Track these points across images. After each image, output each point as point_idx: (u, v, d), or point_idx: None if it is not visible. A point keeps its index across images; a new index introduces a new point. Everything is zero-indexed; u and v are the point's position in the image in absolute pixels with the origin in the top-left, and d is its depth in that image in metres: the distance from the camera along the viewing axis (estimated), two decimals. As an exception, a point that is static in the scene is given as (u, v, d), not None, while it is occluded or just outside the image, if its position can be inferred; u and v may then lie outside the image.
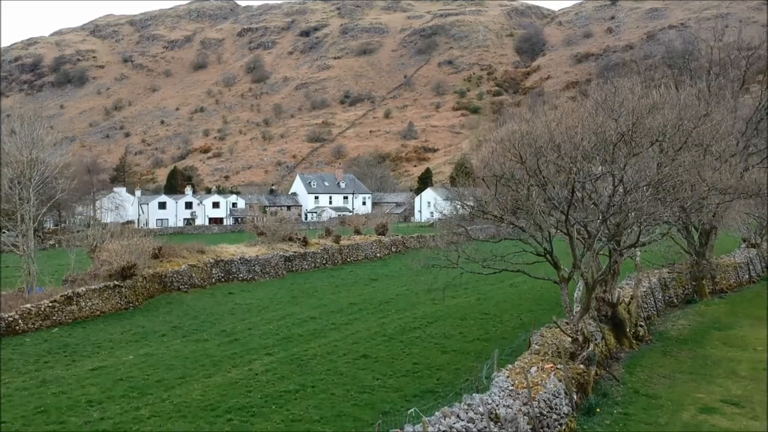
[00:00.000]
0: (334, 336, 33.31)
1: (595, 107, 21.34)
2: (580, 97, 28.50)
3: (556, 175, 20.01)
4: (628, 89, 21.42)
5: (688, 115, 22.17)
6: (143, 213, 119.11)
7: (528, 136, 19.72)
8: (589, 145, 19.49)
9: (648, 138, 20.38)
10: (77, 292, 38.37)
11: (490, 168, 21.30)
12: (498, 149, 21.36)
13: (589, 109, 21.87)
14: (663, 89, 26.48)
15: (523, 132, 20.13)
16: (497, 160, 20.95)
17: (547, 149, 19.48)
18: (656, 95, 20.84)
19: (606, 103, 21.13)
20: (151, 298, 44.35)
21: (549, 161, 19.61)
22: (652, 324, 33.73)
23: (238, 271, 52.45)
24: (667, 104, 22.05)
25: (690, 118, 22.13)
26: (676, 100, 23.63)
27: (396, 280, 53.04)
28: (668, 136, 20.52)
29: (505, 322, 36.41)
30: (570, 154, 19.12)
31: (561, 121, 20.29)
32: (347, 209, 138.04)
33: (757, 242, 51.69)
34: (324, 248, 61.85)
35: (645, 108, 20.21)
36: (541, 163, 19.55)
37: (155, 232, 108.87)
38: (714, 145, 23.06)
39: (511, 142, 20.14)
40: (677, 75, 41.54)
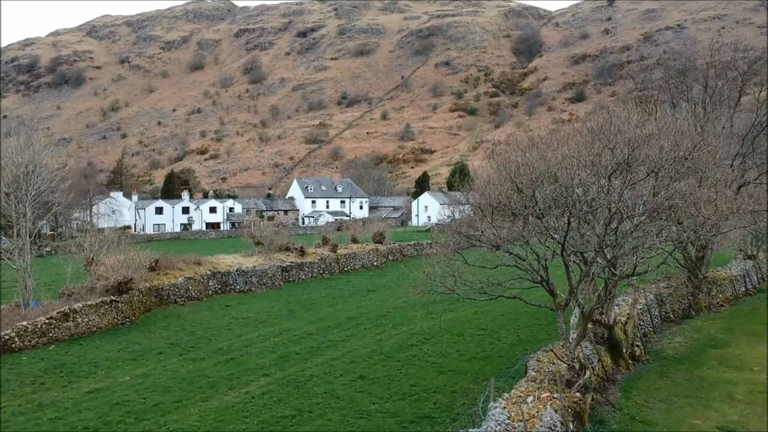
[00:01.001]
0: (331, 354, 33.29)
1: (591, 135, 21.36)
2: (578, 121, 28.43)
3: (553, 205, 20.04)
4: (624, 119, 21.43)
5: (684, 144, 22.21)
6: (140, 218, 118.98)
7: (524, 166, 19.74)
8: (586, 177, 19.51)
9: (644, 169, 20.42)
10: (74, 308, 38.31)
11: (486, 197, 21.33)
12: (494, 177, 21.38)
13: (585, 136, 21.89)
14: (659, 113, 26.49)
15: (520, 163, 20.15)
16: (493, 191, 20.97)
17: (543, 179, 19.50)
18: (652, 127, 20.79)
19: (602, 131, 21.17)
20: (148, 312, 44.30)
21: (546, 191, 19.63)
22: (649, 342, 33.78)
23: (235, 283, 52.44)
24: (663, 131, 22.06)
25: (686, 146, 22.16)
26: (672, 126, 23.65)
27: (393, 291, 52.97)
28: (665, 166, 20.56)
29: (503, 338, 36.42)
30: (566, 183, 19.15)
31: (557, 150, 20.31)
32: (344, 213, 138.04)
33: (754, 253, 51.81)
34: (321, 258, 61.86)
35: (641, 139, 20.24)
36: (537, 193, 19.57)
37: (152, 238, 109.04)
38: (710, 171, 23.08)
39: (507, 172, 20.16)
40: (674, 89, 41.17)
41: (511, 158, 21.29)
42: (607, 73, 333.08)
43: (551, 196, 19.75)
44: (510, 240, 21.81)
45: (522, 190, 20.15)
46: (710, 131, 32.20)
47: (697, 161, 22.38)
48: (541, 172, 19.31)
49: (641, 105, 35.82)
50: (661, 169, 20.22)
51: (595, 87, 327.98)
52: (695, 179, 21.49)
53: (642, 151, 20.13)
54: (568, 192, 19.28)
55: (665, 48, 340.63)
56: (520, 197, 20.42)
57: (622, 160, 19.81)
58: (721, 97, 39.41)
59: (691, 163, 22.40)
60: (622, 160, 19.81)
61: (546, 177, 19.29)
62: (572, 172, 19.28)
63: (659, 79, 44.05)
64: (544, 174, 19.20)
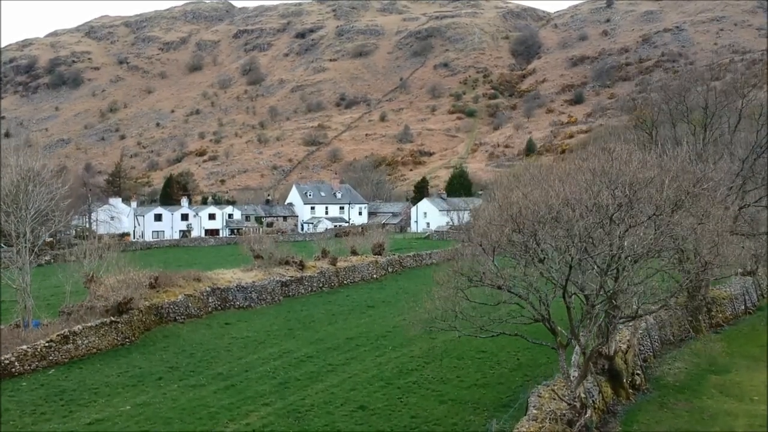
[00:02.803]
0: (331, 380, 33.30)
1: (593, 176, 21.36)
2: (577, 158, 28.29)
3: (555, 248, 20.08)
4: (625, 161, 21.45)
5: (685, 182, 22.25)
6: (139, 225, 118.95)
7: (526, 209, 19.77)
8: (588, 222, 19.55)
9: (645, 212, 20.47)
10: (73, 330, 38.29)
11: (487, 237, 21.34)
12: (496, 218, 21.41)
13: (586, 174, 21.88)
14: (659, 149, 26.51)
15: (522, 205, 20.17)
16: (495, 232, 20.99)
17: (545, 222, 19.53)
18: (653, 172, 20.76)
19: (604, 173, 21.18)
20: (148, 331, 44.24)
21: (547, 234, 19.68)
22: (649, 367, 33.81)
23: (235, 299, 52.42)
24: (664, 169, 22.09)
25: (687, 183, 22.20)
26: (673, 162, 23.68)
27: (392, 307, 53.00)
28: (665, 210, 20.58)
29: (503, 362, 36.42)
30: (567, 227, 19.18)
31: (559, 193, 20.33)
32: (344, 220, 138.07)
33: (753, 269, 51.82)
34: (321, 271, 61.85)
35: (642, 183, 20.28)
36: (538, 235, 19.61)
37: (151, 245, 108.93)
38: (711, 208, 23.08)
39: (509, 213, 20.20)
40: (673, 110, 41.19)
41: (512, 198, 21.32)
42: (606, 75, 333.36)
43: (552, 238, 19.77)
44: (512, 277, 21.81)
45: (522, 231, 20.17)
46: (710, 160, 32.20)
47: (698, 199, 22.41)
48: (542, 215, 19.33)
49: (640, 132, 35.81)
50: (662, 213, 20.25)
51: (594, 89, 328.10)
52: (696, 219, 21.50)
53: (643, 192, 20.16)
54: (569, 235, 19.30)
55: (664, 50, 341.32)
56: (521, 238, 20.43)
57: (623, 202, 19.86)
58: (721, 121, 39.36)
59: (691, 200, 22.42)
60: (623, 202, 19.86)
61: (548, 220, 19.31)
62: (573, 216, 19.30)
63: (660, 101, 44.03)
64: (546, 217, 19.22)
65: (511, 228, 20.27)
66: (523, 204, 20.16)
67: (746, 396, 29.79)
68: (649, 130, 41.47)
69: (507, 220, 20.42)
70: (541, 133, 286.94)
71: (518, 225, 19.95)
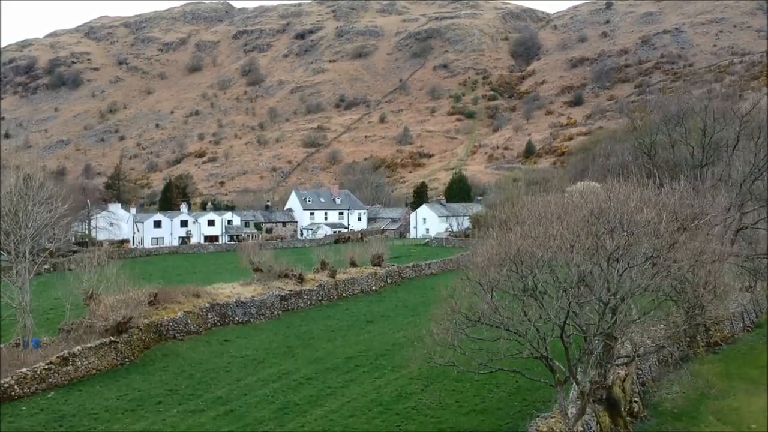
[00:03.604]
0: (330, 404, 33.37)
1: (591, 217, 21.46)
2: (576, 196, 28.24)
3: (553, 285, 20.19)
4: (622, 201, 21.53)
5: (682, 216, 22.34)
6: (138, 231, 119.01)
7: (523, 252, 19.87)
8: (586, 267, 19.66)
9: (643, 252, 20.57)
10: (73, 352, 38.36)
11: (485, 277, 21.44)
12: (495, 258, 21.50)
13: (583, 210, 21.98)
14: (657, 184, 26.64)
15: (519, 247, 20.26)
16: (493, 273, 21.09)
17: (543, 265, 19.64)
18: (651, 213, 20.84)
19: (602, 213, 21.28)
20: (147, 349, 44.29)
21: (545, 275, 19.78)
22: (647, 392, 33.90)
23: (234, 314, 52.47)
24: (661, 204, 22.18)
25: (684, 218, 22.30)
26: (669, 199, 23.76)
27: (391, 322, 53.13)
28: (662, 254, 20.69)
29: (501, 384, 36.41)
30: (564, 272, 19.29)
31: (556, 235, 20.43)
32: (343, 225, 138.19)
33: (752, 285, 51.85)
34: (320, 284, 61.88)
35: (640, 224, 20.37)
36: (536, 279, 19.71)
37: (150, 252, 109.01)
38: (708, 246, 23.18)
39: (508, 255, 20.28)
40: (671, 130, 41.30)
41: (510, 238, 21.41)
42: (605, 77, 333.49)
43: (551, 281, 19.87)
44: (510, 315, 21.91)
45: (520, 271, 20.26)
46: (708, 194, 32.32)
47: (695, 234, 22.51)
48: (540, 258, 19.42)
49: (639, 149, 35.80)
50: (660, 255, 20.36)
51: (593, 90, 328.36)
52: (693, 255, 21.60)
53: (641, 234, 20.26)
54: (566, 279, 19.40)
55: (663, 52, 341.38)
56: (520, 278, 20.53)
57: (620, 244, 19.96)
58: (719, 144, 39.47)
59: (689, 235, 22.51)
60: (620, 244, 19.96)
61: (546, 263, 19.41)
62: (571, 259, 19.40)
63: (659, 121, 44.13)
64: (545, 262, 19.32)
65: (509, 268, 20.37)
66: (521, 245, 20.27)
67: (744, 423, 29.90)
68: (647, 150, 41.61)
69: (505, 259, 20.52)
70: (541, 135, 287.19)
71: (517, 266, 20.04)
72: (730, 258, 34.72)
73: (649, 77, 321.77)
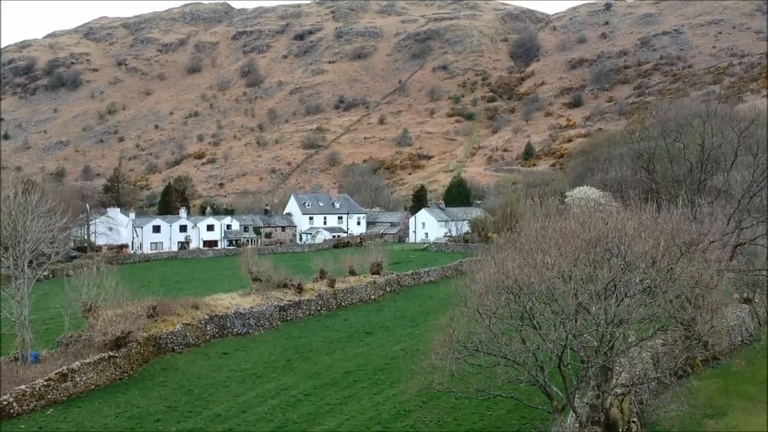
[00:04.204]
0: (329, 423, 33.40)
1: (587, 246, 21.52)
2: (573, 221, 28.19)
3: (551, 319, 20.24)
4: (620, 230, 21.57)
5: (679, 241, 22.39)
6: (137, 236, 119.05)
7: (521, 282, 19.92)
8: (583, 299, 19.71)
9: (640, 282, 20.62)
10: (72, 368, 38.37)
11: (483, 305, 21.49)
12: (492, 286, 21.55)
13: (581, 236, 22.03)
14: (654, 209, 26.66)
15: (517, 277, 20.31)
16: (491, 301, 21.14)
17: (541, 297, 19.69)
18: (648, 245, 20.91)
19: (599, 242, 21.32)
20: (146, 362, 44.32)
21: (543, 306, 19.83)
22: (645, 411, 33.88)
23: (233, 326, 52.50)
24: (659, 229, 22.23)
25: (681, 243, 22.35)
26: (667, 226, 23.80)
27: (390, 334, 53.18)
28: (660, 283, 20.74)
29: (500, 402, 36.27)
30: (562, 305, 19.35)
31: (555, 265, 20.48)
32: (342, 230, 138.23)
33: (750, 296, 51.83)
34: (319, 294, 61.90)
35: (637, 255, 20.42)
36: (534, 309, 19.77)
37: (149, 258, 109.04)
38: (707, 271, 23.21)
39: (505, 285, 20.33)
40: (670, 145, 41.33)
41: (508, 267, 21.45)
42: (605, 78, 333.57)
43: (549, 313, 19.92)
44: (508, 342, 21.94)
45: (518, 300, 20.31)
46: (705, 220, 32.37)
47: (692, 258, 22.55)
48: (538, 290, 19.48)
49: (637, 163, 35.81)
50: (657, 287, 20.42)
51: (592, 92, 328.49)
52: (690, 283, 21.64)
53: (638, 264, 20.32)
54: (565, 310, 19.45)
55: (662, 53, 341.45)
56: (518, 307, 20.58)
57: (618, 274, 20.01)
58: (718, 159, 39.49)
59: (687, 259, 22.55)
60: (618, 274, 20.01)
61: (543, 295, 19.47)
62: (568, 291, 19.45)
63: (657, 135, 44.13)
64: (543, 294, 19.38)
65: (507, 298, 20.42)
66: (518, 274, 20.32)
67: (742, 444, 29.91)
68: (646, 165, 41.66)
69: (502, 288, 20.57)
70: (540, 136, 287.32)
71: (515, 296, 20.09)
72: (728, 273, 34.72)
73: (649, 79, 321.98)
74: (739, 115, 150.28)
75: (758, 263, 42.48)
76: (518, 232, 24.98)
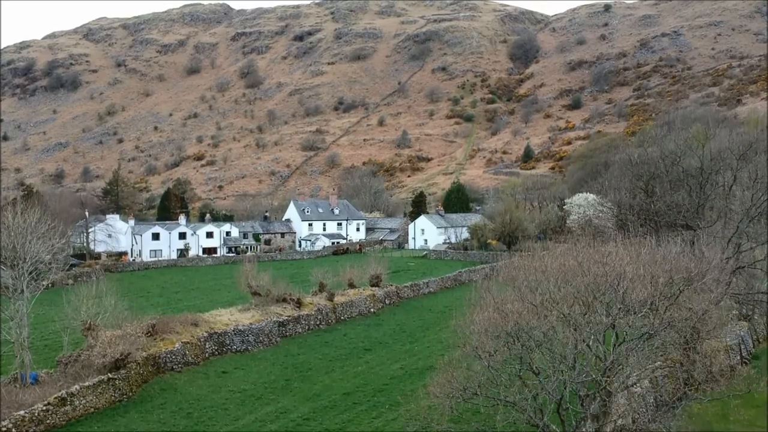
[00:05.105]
0: (328, 451, 33.41)
1: (586, 291, 21.53)
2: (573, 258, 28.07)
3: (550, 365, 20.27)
4: (619, 274, 21.57)
5: (677, 279, 22.40)
6: (137, 243, 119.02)
7: (521, 328, 19.94)
8: (581, 346, 19.73)
9: (638, 331, 20.68)
10: (71, 392, 38.33)
11: (482, 347, 21.50)
12: (491, 329, 21.55)
13: (581, 285, 22.01)
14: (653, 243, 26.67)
15: (516, 320, 20.34)
16: (490, 343, 21.17)
17: (540, 343, 19.71)
18: (645, 292, 20.90)
19: (598, 288, 21.34)
20: (146, 383, 44.30)
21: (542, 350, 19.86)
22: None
23: (232, 343, 52.50)
24: (658, 267, 22.24)
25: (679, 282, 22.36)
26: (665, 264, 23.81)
27: (389, 351, 53.15)
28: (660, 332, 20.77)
29: (498, 424, 36.46)
30: (561, 350, 19.37)
31: (553, 308, 20.52)
32: (341, 236, 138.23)
33: (749, 314, 51.81)
34: (318, 308, 61.91)
35: (636, 302, 20.45)
36: (533, 356, 19.80)
37: (149, 266, 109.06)
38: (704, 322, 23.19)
39: (504, 329, 20.36)
40: (669, 167, 41.32)
41: (507, 309, 21.46)
42: (604, 80, 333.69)
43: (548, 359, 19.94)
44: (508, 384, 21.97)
45: (517, 345, 20.33)
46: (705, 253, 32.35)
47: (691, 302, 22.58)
48: (537, 335, 19.49)
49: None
50: (657, 334, 20.45)
51: (592, 94, 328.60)
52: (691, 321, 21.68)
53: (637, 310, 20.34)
54: (564, 361, 19.47)
55: (661, 55, 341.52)
56: (517, 350, 20.59)
57: (615, 317, 20.05)
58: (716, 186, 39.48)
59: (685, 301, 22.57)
60: (615, 317, 20.05)
61: (542, 341, 19.49)
62: (567, 338, 19.48)
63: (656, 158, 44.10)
64: (542, 340, 19.40)
65: (506, 341, 20.44)
66: (518, 318, 20.34)
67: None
68: (645, 186, 41.68)
69: (501, 332, 20.59)
70: (539, 138, 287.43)
71: (514, 339, 20.12)
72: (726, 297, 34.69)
73: (648, 80, 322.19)
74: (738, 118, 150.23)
75: (757, 283, 42.45)
76: (517, 270, 24.95)
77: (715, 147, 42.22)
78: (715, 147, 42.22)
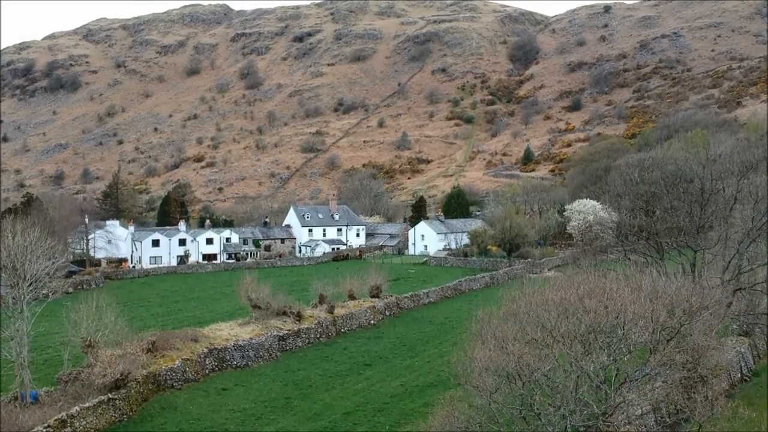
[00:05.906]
0: (328, 475, 33.35)
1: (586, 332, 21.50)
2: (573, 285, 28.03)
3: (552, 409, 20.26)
4: (619, 311, 21.54)
5: (678, 312, 22.38)
6: (136, 250, 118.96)
7: (521, 363, 19.92)
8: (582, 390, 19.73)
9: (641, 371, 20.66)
10: (71, 413, 38.29)
11: (483, 386, 21.47)
12: (491, 367, 21.53)
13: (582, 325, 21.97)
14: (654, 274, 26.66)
15: (518, 359, 20.32)
16: (492, 382, 21.15)
17: (541, 385, 19.69)
18: (645, 334, 20.88)
19: (598, 328, 21.32)
20: (146, 401, 44.27)
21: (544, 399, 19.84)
22: (645, 462, 33.83)
23: (232, 359, 52.45)
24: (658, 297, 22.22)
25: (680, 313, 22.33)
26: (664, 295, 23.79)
27: (389, 366, 53.07)
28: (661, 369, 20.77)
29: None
30: (563, 391, 19.35)
31: (552, 349, 20.50)
32: (341, 242, 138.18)
33: (749, 330, 51.71)
34: (318, 321, 61.82)
35: (637, 344, 20.43)
36: (534, 399, 19.78)
37: (148, 273, 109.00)
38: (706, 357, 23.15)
39: (505, 369, 20.34)
40: (669, 186, 41.28)
41: (509, 349, 21.43)
42: (604, 82, 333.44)
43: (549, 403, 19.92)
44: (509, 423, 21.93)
45: (518, 386, 20.31)
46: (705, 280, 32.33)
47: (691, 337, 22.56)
48: (538, 377, 19.48)
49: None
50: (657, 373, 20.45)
51: (591, 95, 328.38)
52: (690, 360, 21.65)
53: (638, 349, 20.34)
54: (564, 402, 19.45)
55: (661, 56, 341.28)
56: (519, 390, 20.57)
57: (618, 364, 20.05)
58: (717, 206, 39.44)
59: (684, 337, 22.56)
60: (618, 364, 20.05)
61: (543, 383, 19.47)
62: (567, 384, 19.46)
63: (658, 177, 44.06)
64: (543, 383, 19.38)
65: (508, 380, 20.40)
66: (519, 361, 20.31)
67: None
68: (645, 204, 41.65)
69: (503, 372, 20.56)
70: (539, 140, 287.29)
71: (515, 379, 20.09)
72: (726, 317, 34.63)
73: (648, 82, 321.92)
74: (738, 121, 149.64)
75: (758, 300, 42.38)
76: (516, 303, 24.86)
77: (716, 163, 42.21)
78: (716, 163, 42.21)
